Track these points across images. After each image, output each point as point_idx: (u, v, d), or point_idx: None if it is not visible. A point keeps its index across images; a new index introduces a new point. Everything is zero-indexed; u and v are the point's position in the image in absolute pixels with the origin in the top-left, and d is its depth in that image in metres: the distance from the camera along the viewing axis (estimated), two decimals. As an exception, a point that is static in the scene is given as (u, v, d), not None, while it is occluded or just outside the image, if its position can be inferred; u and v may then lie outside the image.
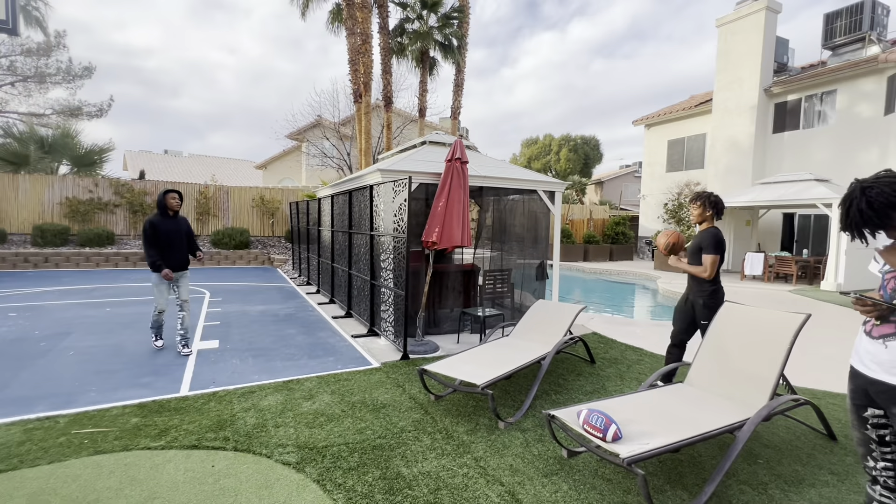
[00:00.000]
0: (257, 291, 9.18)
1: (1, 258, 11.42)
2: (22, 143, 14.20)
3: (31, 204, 13.06)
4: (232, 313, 6.97)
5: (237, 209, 15.64)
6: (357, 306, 6.64)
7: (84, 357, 4.66)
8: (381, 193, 5.46)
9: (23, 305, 7.10)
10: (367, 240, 6.01)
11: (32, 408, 3.41)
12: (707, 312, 3.58)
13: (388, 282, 5.30)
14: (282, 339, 5.53)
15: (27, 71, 24.64)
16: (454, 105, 17.28)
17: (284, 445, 2.87)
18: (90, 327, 5.87)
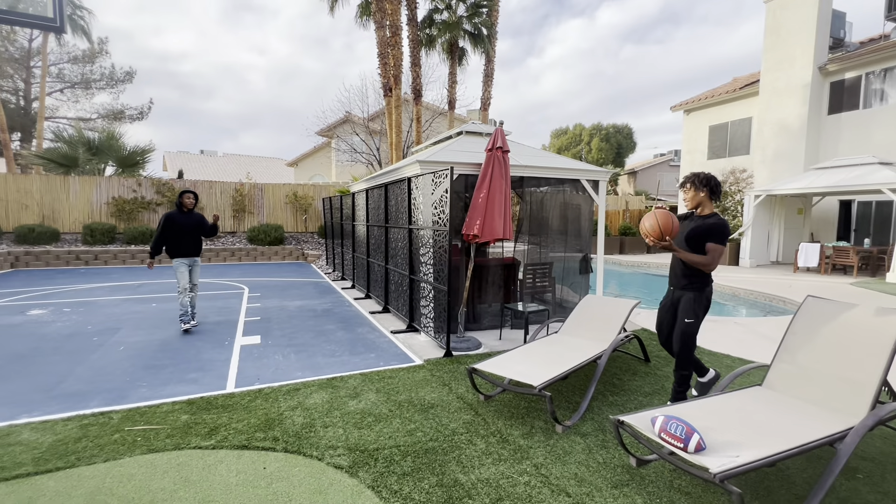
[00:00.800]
0: (294, 287, 9.26)
1: (55, 256, 12.01)
2: (71, 146, 14.86)
3: (81, 204, 13.66)
4: (271, 309, 7.01)
5: (271, 206, 15.91)
6: (395, 302, 6.54)
7: (134, 352, 4.74)
8: (419, 186, 5.31)
9: (76, 301, 7.38)
10: (404, 234, 5.88)
11: (87, 403, 3.45)
12: (694, 310, 3.14)
13: (429, 277, 5.16)
14: (322, 335, 5.49)
15: (74, 77, 25.93)
16: (484, 96, 16.96)
17: (335, 447, 2.77)
18: (138, 322, 6.01)
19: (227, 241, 14.57)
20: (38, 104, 21.45)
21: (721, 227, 3.08)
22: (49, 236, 12.68)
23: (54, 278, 9.95)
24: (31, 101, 24.20)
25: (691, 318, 3.16)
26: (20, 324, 5.85)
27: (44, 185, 13.34)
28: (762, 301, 8.69)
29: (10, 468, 2.50)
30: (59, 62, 24.93)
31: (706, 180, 3.19)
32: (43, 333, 5.41)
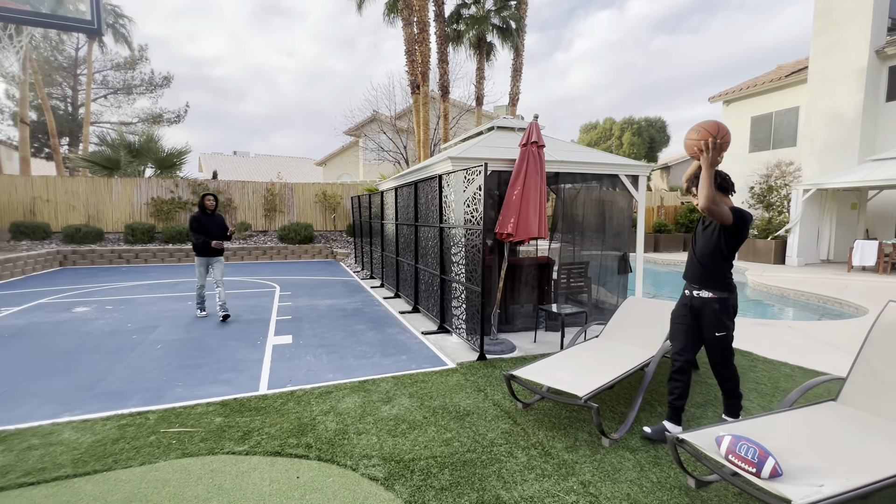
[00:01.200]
0: (323, 285, 9.30)
1: (99, 255, 12.54)
2: (114, 149, 15.48)
3: (123, 205, 14.22)
4: (302, 307, 7.03)
5: (301, 205, 16.13)
6: (425, 302, 6.42)
7: (170, 350, 4.80)
8: (451, 183, 5.16)
9: (118, 299, 7.63)
10: (435, 233, 5.75)
11: (126, 402, 3.48)
12: (723, 321, 2.78)
13: (460, 277, 5.01)
14: (352, 336, 5.43)
15: (117, 84, 27.08)
16: (512, 91, 16.66)
17: (369, 457, 2.66)
18: (174, 321, 6.12)
19: (258, 240, 14.86)
20: (84, 110, 22.50)
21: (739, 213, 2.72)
22: (94, 236, 13.25)
23: (98, 276, 10.36)
24: (77, 107, 25.44)
25: (722, 330, 2.81)
26: (66, 321, 6.06)
27: (89, 186, 13.95)
28: (815, 303, 8.12)
29: (51, 469, 2.50)
30: (102, 69, 26.07)
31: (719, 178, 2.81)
32: (86, 331, 5.57)
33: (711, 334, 2.83)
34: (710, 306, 2.81)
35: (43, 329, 5.63)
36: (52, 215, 13.57)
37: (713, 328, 2.82)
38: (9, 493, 2.29)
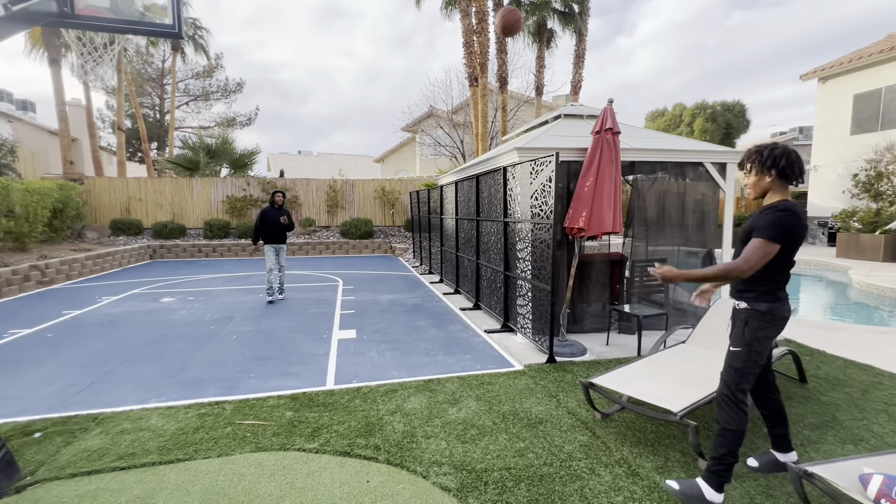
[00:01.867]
0: (383, 280, 9.40)
1: (182, 249, 13.63)
2: (194, 151, 16.73)
3: (202, 202, 15.35)
4: (364, 302, 7.12)
5: (361, 201, 16.52)
6: (487, 299, 6.24)
7: (244, 342, 5.01)
8: (516, 175, 4.91)
9: (198, 290, 8.18)
10: (499, 227, 5.53)
11: (205, 391, 3.63)
12: (744, 334, 2.16)
13: (526, 274, 4.76)
14: (414, 332, 5.37)
15: (197, 91, 29.34)
16: (574, 79, 15.91)
17: (439, 464, 2.53)
18: (247, 312, 6.42)
19: (322, 235, 15.43)
20: (170, 116, 24.60)
21: (771, 219, 2.05)
22: (178, 231, 14.43)
23: (181, 268, 11.24)
24: (164, 114, 27.89)
25: (738, 345, 2.19)
26: (155, 310, 6.56)
27: (174, 186, 15.20)
28: (943, 308, 6.93)
29: (140, 455, 2.62)
30: (184, 78, 28.35)
31: (772, 158, 2.15)
32: (171, 320, 5.98)
33: (728, 347, 2.25)
34: (740, 317, 2.21)
35: (135, 317, 6.12)
36: (143, 213, 14.95)
37: (731, 340, 2.24)
38: (103, 476, 2.42)
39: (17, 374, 4.03)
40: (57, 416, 3.21)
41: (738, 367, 2.17)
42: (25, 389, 3.70)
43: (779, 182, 2.15)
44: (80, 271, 9.76)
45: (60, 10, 3.15)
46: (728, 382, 2.20)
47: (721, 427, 2.18)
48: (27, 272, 8.21)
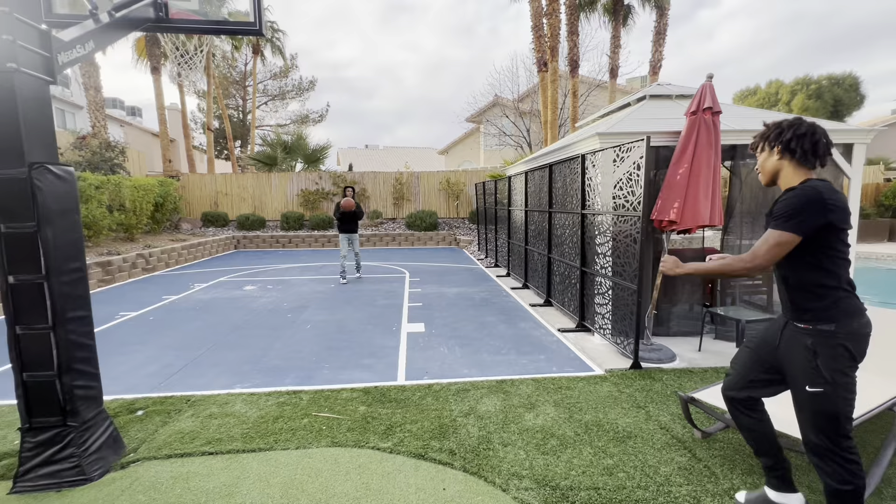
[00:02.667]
0: (449, 273, 9.34)
1: (262, 239, 14.59)
2: (272, 147, 17.80)
3: (279, 196, 16.31)
4: (430, 295, 7.08)
5: (426, 193, 16.62)
6: (559, 295, 5.90)
7: (318, 331, 5.15)
8: (597, 163, 4.52)
9: (276, 279, 8.65)
10: (575, 220, 5.17)
11: (283, 379, 3.75)
12: (822, 369, 1.66)
13: (607, 270, 4.39)
14: (483, 328, 5.21)
15: (274, 91, 31.23)
16: (654, 58, 14.69)
17: (519, 476, 2.35)
18: (321, 302, 6.64)
19: (388, 227, 15.75)
20: (251, 116, 26.43)
21: (787, 203, 1.67)
22: (258, 223, 15.46)
23: (261, 258, 12.01)
24: (246, 113, 30.04)
25: (819, 385, 1.68)
26: (238, 297, 7.01)
27: (254, 181, 16.29)
28: None
29: (226, 441, 2.72)
30: (263, 80, 30.27)
31: (777, 131, 1.78)
32: (253, 307, 6.34)
33: (802, 386, 1.74)
34: (801, 342, 1.73)
35: (222, 304, 6.57)
36: (229, 206, 16.19)
37: (805, 378, 1.72)
38: (194, 460, 2.53)
39: (125, 354, 4.44)
40: (156, 395, 3.46)
41: (832, 409, 1.67)
42: (132, 368, 4.06)
43: (790, 161, 1.77)
44: (176, 259, 10.77)
45: (157, 15, 3.31)
46: (824, 431, 1.71)
47: (832, 488, 1.71)
48: (134, 260, 9.18)
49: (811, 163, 1.74)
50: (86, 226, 9.59)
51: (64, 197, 2.37)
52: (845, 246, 1.68)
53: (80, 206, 3.37)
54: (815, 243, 1.66)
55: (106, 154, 12.65)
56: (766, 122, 1.89)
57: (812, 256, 1.68)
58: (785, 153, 1.77)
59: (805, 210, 1.63)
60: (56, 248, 2.30)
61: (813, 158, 1.73)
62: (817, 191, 1.64)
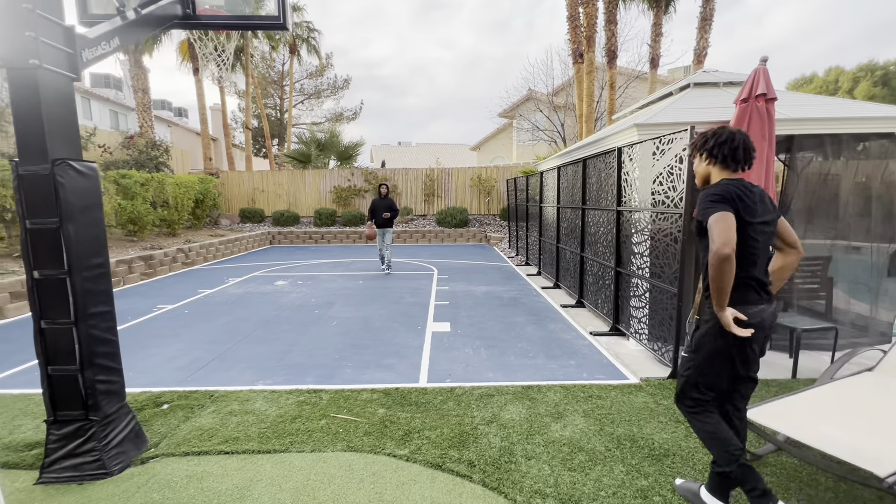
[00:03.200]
0: (478, 270, 9.17)
1: (296, 235, 14.90)
2: (307, 145, 18.14)
3: (313, 192, 16.60)
4: (458, 293, 6.95)
5: (457, 189, 16.47)
6: (592, 296, 5.63)
7: (343, 329, 5.12)
8: (634, 157, 4.23)
9: (307, 275, 8.76)
10: (609, 217, 4.89)
11: (305, 377, 3.72)
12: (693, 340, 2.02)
13: (644, 271, 4.10)
14: (510, 329, 5.02)
15: (310, 90, 31.90)
16: (699, 46, 13.85)
17: (543, 494, 2.18)
18: (348, 298, 6.64)
19: (418, 224, 15.72)
20: (288, 115, 27.10)
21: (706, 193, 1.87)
22: (292, 219, 15.81)
23: (294, 253, 12.25)
24: (283, 112, 30.86)
25: (687, 351, 2.05)
26: (269, 293, 7.13)
27: (289, 178, 16.65)
28: None
29: (243, 440, 2.69)
30: (300, 79, 30.96)
31: (702, 139, 2.00)
32: (282, 303, 6.42)
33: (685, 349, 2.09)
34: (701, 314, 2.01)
35: (254, 298, 6.69)
36: (265, 202, 16.64)
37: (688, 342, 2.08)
38: (210, 459, 2.51)
39: (157, 347, 4.56)
40: (182, 389, 3.50)
41: (686, 376, 2.03)
42: (162, 360, 4.15)
43: (716, 166, 1.96)
44: (214, 254, 11.14)
45: (184, 12, 3.31)
46: (680, 386, 2.08)
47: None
48: (175, 254, 9.54)
49: (732, 166, 1.92)
50: (131, 221, 10.07)
51: (86, 192, 2.38)
52: (753, 240, 1.84)
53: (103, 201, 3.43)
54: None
55: (151, 153, 13.26)
56: (698, 132, 2.15)
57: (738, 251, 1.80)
58: (710, 159, 1.97)
59: (721, 199, 1.80)
60: (78, 244, 2.32)
61: (733, 163, 1.91)
62: (728, 187, 1.84)
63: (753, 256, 1.84)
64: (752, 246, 1.83)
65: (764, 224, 1.85)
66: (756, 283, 1.87)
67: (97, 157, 11.31)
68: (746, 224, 1.80)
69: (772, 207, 1.91)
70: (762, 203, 1.86)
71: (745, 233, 1.80)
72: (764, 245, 1.88)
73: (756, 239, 1.83)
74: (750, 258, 1.84)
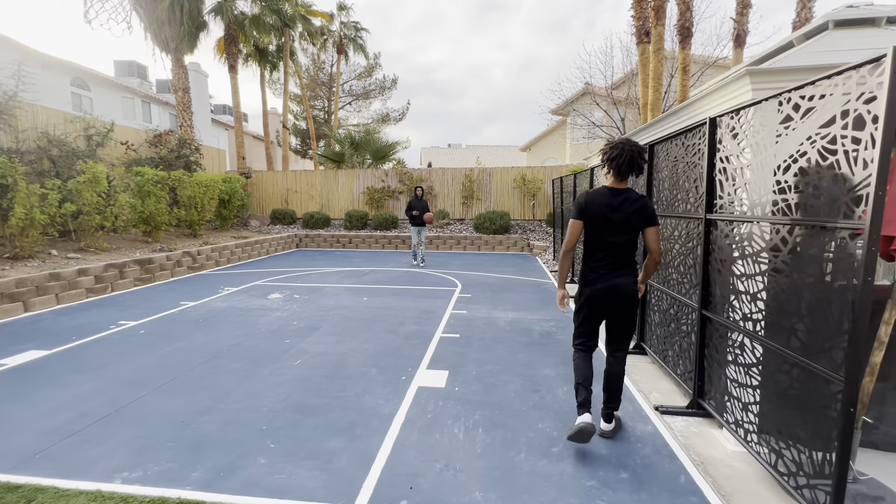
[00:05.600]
0: (511, 288, 7.56)
1: (323, 238, 14.02)
2: (340, 143, 17.35)
3: (346, 193, 15.71)
4: (476, 321, 5.42)
5: (498, 191, 14.87)
6: (659, 342, 3.89)
7: (304, 372, 3.79)
8: (743, 129, 2.52)
9: (310, 286, 7.61)
10: (691, 229, 3.17)
11: (189, 472, 2.40)
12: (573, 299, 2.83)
13: (756, 325, 2.38)
14: (532, 390, 3.44)
15: (358, 91, 31.66)
16: (799, 17, 11.29)
17: None
18: (337, 323, 5.34)
19: (454, 229, 14.29)
20: (334, 116, 26.82)
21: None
22: (323, 221, 14.98)
23: (315, 259, 11.26)
24: (330, 114, 30.78)
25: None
26: (253, 309, 6.00)
27: (322, 178, 15.89)
28: None
29: None
30: (348, 80, 30.79)
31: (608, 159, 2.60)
32: (257, 325, 5.24)
33: None
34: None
35: (228, 318, 5.58)
36: (298, 203, 15.99)
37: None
38: None
39: (54, 390, 3.46)
40: (12, 478, 2.31)
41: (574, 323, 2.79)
42: (35, 417, 3.02)
43: (610, 174, 2.61)
44: (228, 258, 10.38)
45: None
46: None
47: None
48: (180, 258, 8.81)
49: (621, 175, 2.57)
50: (144, 221, 9.51)
51: None
52: (594, 235, 2.62)
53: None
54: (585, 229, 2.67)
55: (182, 151, 12.91)
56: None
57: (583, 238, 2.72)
58: (605, 168, 2.64)
59: (577, 207, 2.64)
60: None
61: (617, 174, 2.57)
62: (581, 197, 2.65)
63: (595, 246, 2.63)
64: (594, 239, 2.63)
65: (610, 224, 2.54)
66: (598, 266, 2.62)
67: (120, 154, 11.01)
68: (589, 223, 2.61)
69: (635, 212, 2.52)
70: (619, 210, 2.52)
71: (587, 230, 2.65)
72: (614, 241, 2.56)
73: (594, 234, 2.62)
74: (593, 248, 2.65)
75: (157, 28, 13.78)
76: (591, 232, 2.60)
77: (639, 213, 2.51)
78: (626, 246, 2.56)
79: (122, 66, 26.81)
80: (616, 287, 2.54)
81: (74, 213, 7.90)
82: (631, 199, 2.51)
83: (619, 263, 2.56)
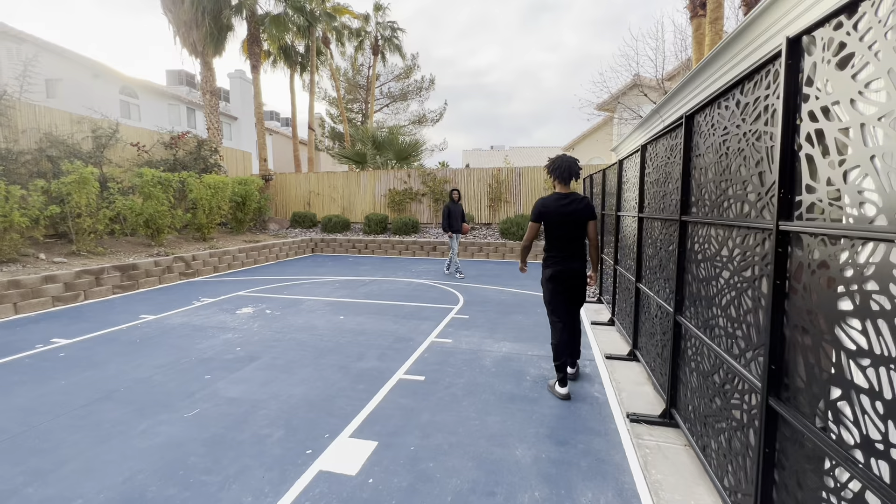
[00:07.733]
0: (522, 308, 6.26)
1: (340, 243, 13.29)
2: (363, 142, 16.64)
3: (367, 196, 14.95)
4: (458, 354, 4.23)
5: (529, 193, 13.46)
6: (692, 392, 2.51)
7: (185, 434, 2.80)
8: (875, 43, 1.19)
9: (289, 299, 6.73)
10: (752, 247, 1.82)
11: None
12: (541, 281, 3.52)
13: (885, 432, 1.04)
14: (486, 493, 2.22)
15: (395, 93, 31.22)
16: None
17: None
18: (284, 352, 4.34)
19: (478, 234, 13.06)
20: (370, 119, 26.44)
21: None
22: (342, 225, 14.29)
23: (322, 266, 10.48)
24: (367, 116, 30.55)
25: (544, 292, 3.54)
26: (206, 328, 5.16)
27: (344, 180, 15.23)
28: None
29: None
30: (386, 81, 30.44)
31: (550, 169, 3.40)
32: (194, 349, 4.36)
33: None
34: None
35: (170, 338, 4.76)
36: (319, 206, 15.44)
37: None
38: None
39: None
40: None
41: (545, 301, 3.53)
42: None
43: (555, 181, 3.40)
44: (229, 264, 9.82)
45: None
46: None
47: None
48: (170, 263, 8.28)
49: (564, 181, 3.34)
50: (145, 224, 9.14)
51: None
52: (552, 230, 3.34)
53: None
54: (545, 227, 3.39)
55: (201, 153, 12.68)
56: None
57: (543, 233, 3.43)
58: (551, 177, 3.40)
59: (536, 211, 3.38)
60: None
61: (561, 181, 3.35)
62: (540, 202, 3.36)
63: (555, 238, 3.35)
64: (554, 233, 3.35)
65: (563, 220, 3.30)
66: (558, 253, 3.36)
67: (132, 156, 10.83)
68: (547, 221, 3.34)
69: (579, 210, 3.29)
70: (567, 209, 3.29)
71: (546, 227, 3.38)
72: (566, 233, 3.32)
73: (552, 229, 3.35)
74: (553, 240, 3.37)
75: (185, 31, 13.73)
76: (549, 228, 3.34)
77: (584, 210, 3.28)
78: (576, 237, 3.31)
79: (173, 74, 28.07)
80: (570, 268, 3.33)
81: (64, 215, 7.57)
82: (577, 200, 3.31)
83: (572, 252, 3.33)
